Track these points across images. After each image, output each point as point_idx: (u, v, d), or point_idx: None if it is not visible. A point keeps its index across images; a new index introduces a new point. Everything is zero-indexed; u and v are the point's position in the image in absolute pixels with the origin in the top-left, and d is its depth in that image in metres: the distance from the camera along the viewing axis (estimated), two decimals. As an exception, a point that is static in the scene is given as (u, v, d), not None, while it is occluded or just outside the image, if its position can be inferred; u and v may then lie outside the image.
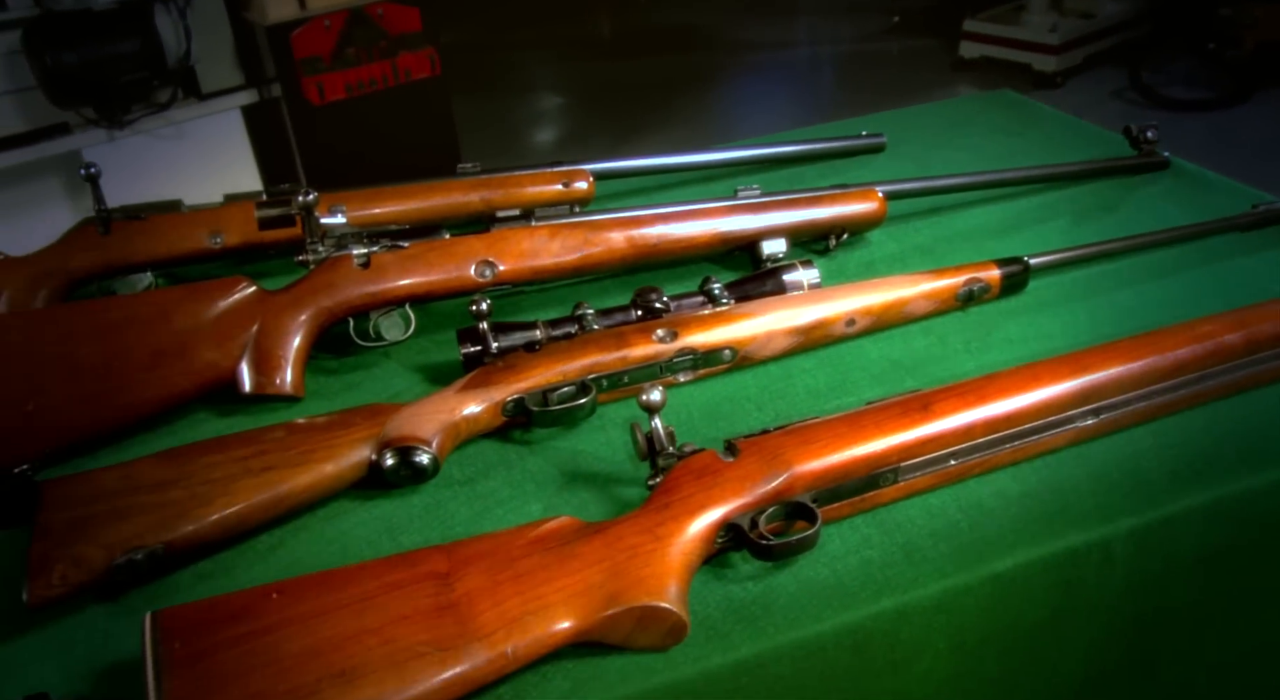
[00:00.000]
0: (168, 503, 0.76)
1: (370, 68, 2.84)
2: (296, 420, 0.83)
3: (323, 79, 2.79)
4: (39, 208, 2.99)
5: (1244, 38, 3.65)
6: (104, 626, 0.74)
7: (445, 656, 0.62)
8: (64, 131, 2.84)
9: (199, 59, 2.80)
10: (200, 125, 2.95)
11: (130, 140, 2.86)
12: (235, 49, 2.93)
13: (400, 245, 0.96)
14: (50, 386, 0.88)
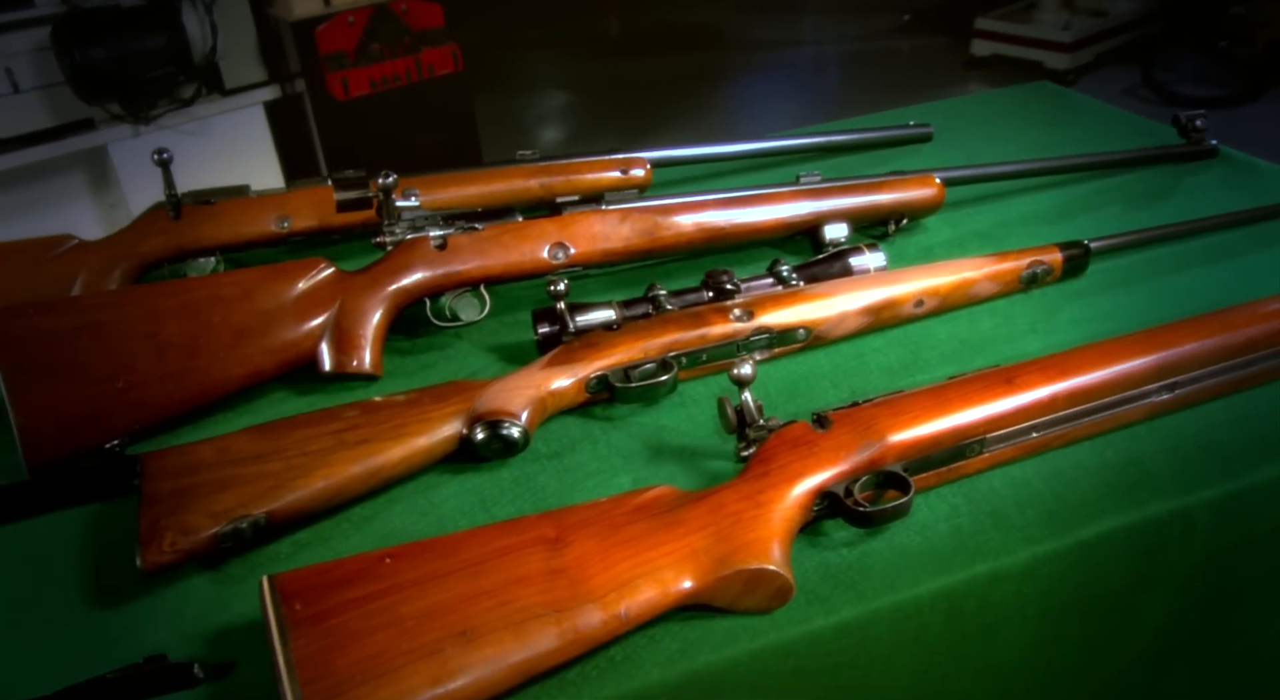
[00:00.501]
0: (267, 474, 0.77)
1: (394, 63, 2.85)
2: (394, 395, 0.85)
3: (348, 74, 2.80)
4: (63, 203, 3.00)
5: (1256, 35, 3.68)
6: (208, 594, 0.75)
7: (561, 617, 0.64)
8: (89, 127, 2.85)
9: (223, 55, 2.81)
10: (223, 121, 2.97)
11: (155, 135, 2.87)
12: (259, 45, 2.95)
13: (475, 227, 0.98)
14: (138, 364, 0.89)
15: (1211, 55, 3.83)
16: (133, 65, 2.66)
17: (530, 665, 0.63)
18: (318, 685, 0.60)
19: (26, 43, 2.65)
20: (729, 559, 0.67)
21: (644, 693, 0.65)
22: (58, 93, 2.75)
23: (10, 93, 2.70)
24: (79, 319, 0.89)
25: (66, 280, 1.07)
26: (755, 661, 0.67)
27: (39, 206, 2.94)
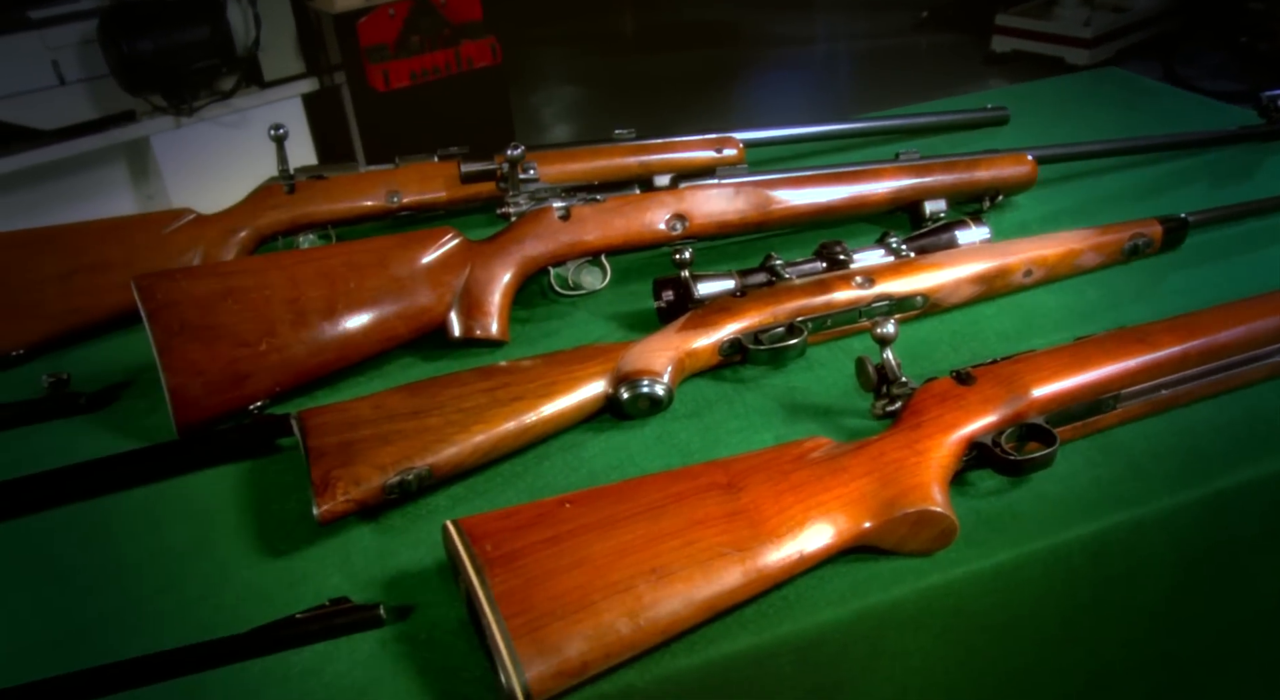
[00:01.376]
0: (428, 428, 0.80)
1: (434, 56, 2.88)
2: (537, 356, 0.88)
3: (389, 66, 2.83)
4: (102, 195, 3.02)
5: (1276, 31, 3.72)
6: (373, 543, 0.78)
7: (743, 557, 0.67)
8: (129, 119, 2.88)
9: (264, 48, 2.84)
10: (262, 113, 2.99)
11: (195, 127, 2.90)
12: (297, 38, 2.97)
13: (597, 199, 1.01)
14: (280, 328, 0.92)
15: (1232, 51, 3.87)
16: (178, 57, 2.69)
17: (716, 602, 0.66)
18: (520, 618, 0.62)
19: (72, 36, 2.68)
20: (896, 502, 0.70)
21: (817, 630, 0.68)
22: (101, 85, 2.77)
23: (56, 85, 2.73)
24: (223, 284, 0.92)
25: (185, 252, 1.10)
26: (920, 600, 0.70)
27: (79, 198, 2.97)
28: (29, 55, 2.67)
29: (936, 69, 4.48)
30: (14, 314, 1.05)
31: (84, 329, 1.08)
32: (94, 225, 1.10)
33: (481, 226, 1.15)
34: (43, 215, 2.92)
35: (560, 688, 0.62)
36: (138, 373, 1.04)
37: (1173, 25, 4.07)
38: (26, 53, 2.66)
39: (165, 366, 0.88)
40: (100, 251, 1.08)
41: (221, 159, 2.99)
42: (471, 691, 0.65)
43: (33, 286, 1.06)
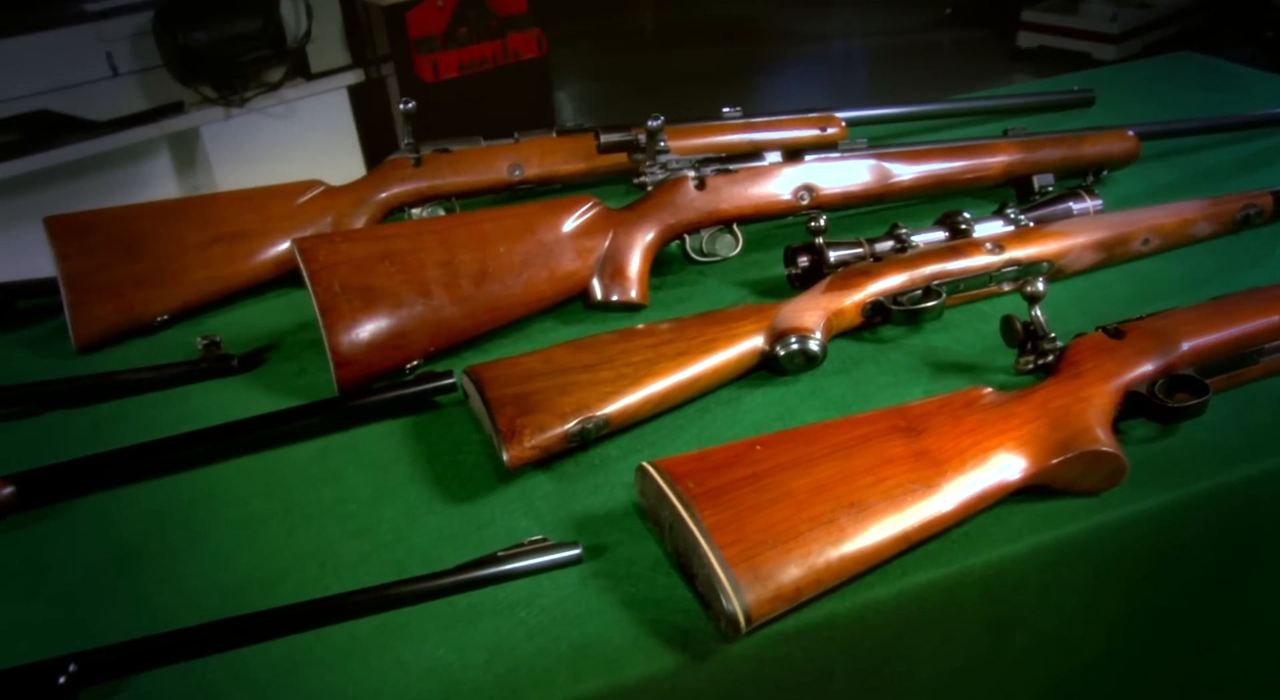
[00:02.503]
0: (600, 381, 0.84)
1: (482, 47, 2.92)
2: (691, 316, 0.91)
3: (438, 57, 2.87)
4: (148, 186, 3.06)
5: (1303, 27, 3.77)
6: (552, 489, 0.82)
7: (931, 493, 0.71)
8: (178, 110, 2.91)
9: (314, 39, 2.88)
10: (309, 104, 3.03)
11: (245, 117, 2.93)
12: (344, 30, 3.01)
13: (730, 169, 1.05)
14: (434, 289, 0.96)
15: (1258, 46, 3.92)
16: (231, 48, 2.72)
17: (910, 535, 0.70)
18: (735, 548, 0.66)
19: (127, 28, 2.71)
20: (1070, 443, 0.74)
21: (995, 564, 0.72)
22: (151, 77, 2.81)
23: (109, 76, 2.76)
24: (380, 247, 0.95)
25: (317, 222, 1.14)
26: (1090, 537, 0.74)
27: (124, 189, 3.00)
28: (84, 47, 2.70)
29: (961, 65, 4.52)
30: (159, 281, 1.08)
31: (222, 296, 1.12)
32: (231, 196, 1.13)
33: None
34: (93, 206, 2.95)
35: (775, 611, 0.65)
36: (280, 337, 1.07)
37: (1198, 20, 4.12)
38: (82, 45, 2.70)
39: (327, 325, 0.92)
40: (238, 221, 1.11)
41: (270, 149, 3.03)
42: (680, 620, 0.69)
43: (175, 255, 1.09)
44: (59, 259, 1.06)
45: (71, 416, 0.98)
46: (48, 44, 2.66)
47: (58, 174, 2.83)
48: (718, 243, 1.05)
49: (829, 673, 0.71)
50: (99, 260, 1.07)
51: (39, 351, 1.10)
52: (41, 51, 2.66)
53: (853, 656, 0.71)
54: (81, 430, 0.96)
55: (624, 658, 0.66)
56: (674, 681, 0.66)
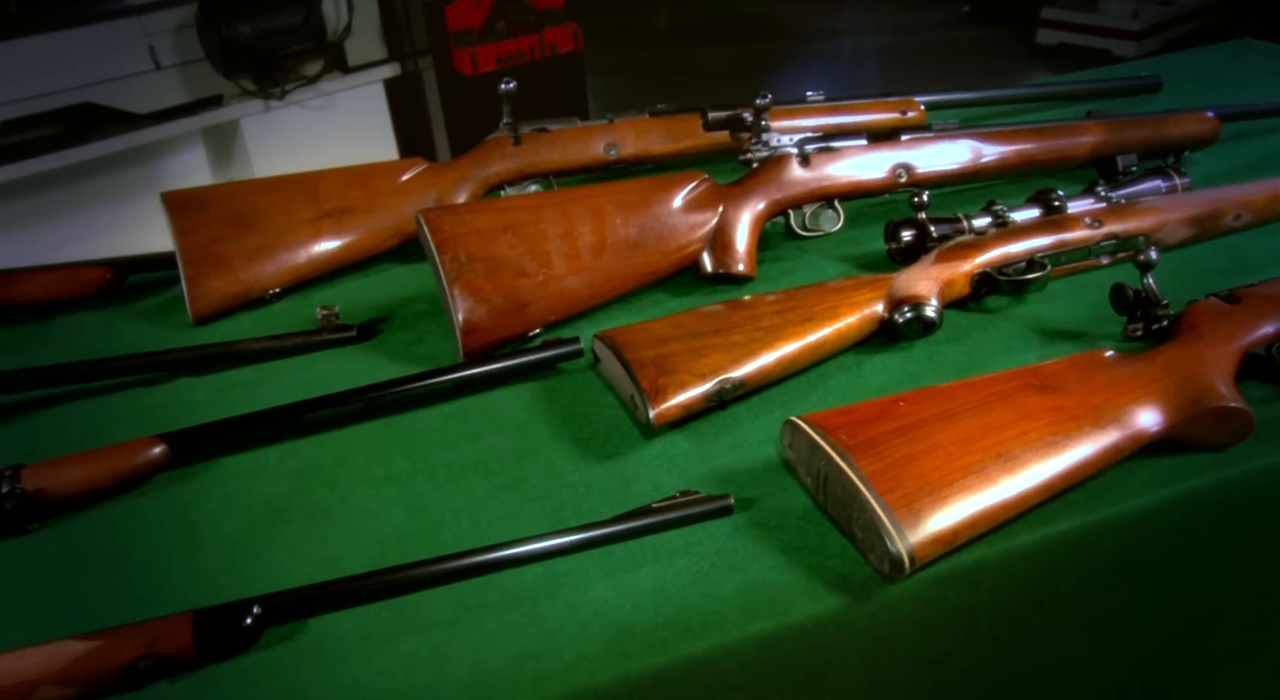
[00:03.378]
0: (734, 344, 0.87)
1: (519, 41, 2.95)
2: (808, 286, 0.95)
3: (476, 51, 2.90)
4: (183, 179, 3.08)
5: (1322, 25, 3.80)
6: (689, 448, 0.85)
7: (1070, 445, 0.74)
8: (216, 103, 2.94)
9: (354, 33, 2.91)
10: (346, 97, 3.06)
11: (283, 110, 2.96)
12: (381, 24, 3.04)
13: (832, 147, 1.08)
14: (554, 260, 0.99)
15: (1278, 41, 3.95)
16: (274, 41, 2.75)
17: (1051, 485, 0.73)
18: (895, 494, 0.69)
19: (169, 21, 2.74)
20: (1200, 400, 0.77)
21: (1128, 515, 0.75)
22: (191, 69, 2.84)
23: (152, 69, 2.79)
24: (502, 219, 0.98)
25: (421, 198, 1.16)
26: (1219, 490, 0.77)
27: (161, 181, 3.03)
28: (127, 40, 2.73)
29: (979, 63, 4.56)
30: (271, 255, 1.11)
31: (330, 270, 1.15)
32: (338, 172, 1.16)
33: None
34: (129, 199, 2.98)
35: (936, 554, 0.69)
36: (391, 309, 1.10)
37: (1219, 17, 4.16)
38: (125, 38, 2.72)
39: (454, 294, 0.95)
40: (345, 196, 1.14)
41: (307, 142, 3.05)
42: (837, 565, 0.72)
43: (286, 229, 1.12)
44: (177, 233, 1.09)
45: (199, 383, 1.01)
46: (93, 37, 2.69)
47: (99, 166, 2.85)
48: (821, 218, 1.08)
49: (975, 615, 0.74)
50: (214, 234, 1.10)
51: (152, 323, 1.13)
52: (87, 45, 2.68)
53: (998, 599, 0.74)
54: (210, 394, 0.99)
55: (788, 599, 0.69)
56: (837, 622, 0.69)
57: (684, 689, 0.68)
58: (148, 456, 0.85)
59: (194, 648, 0.68)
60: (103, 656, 0.67)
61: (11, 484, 0.81)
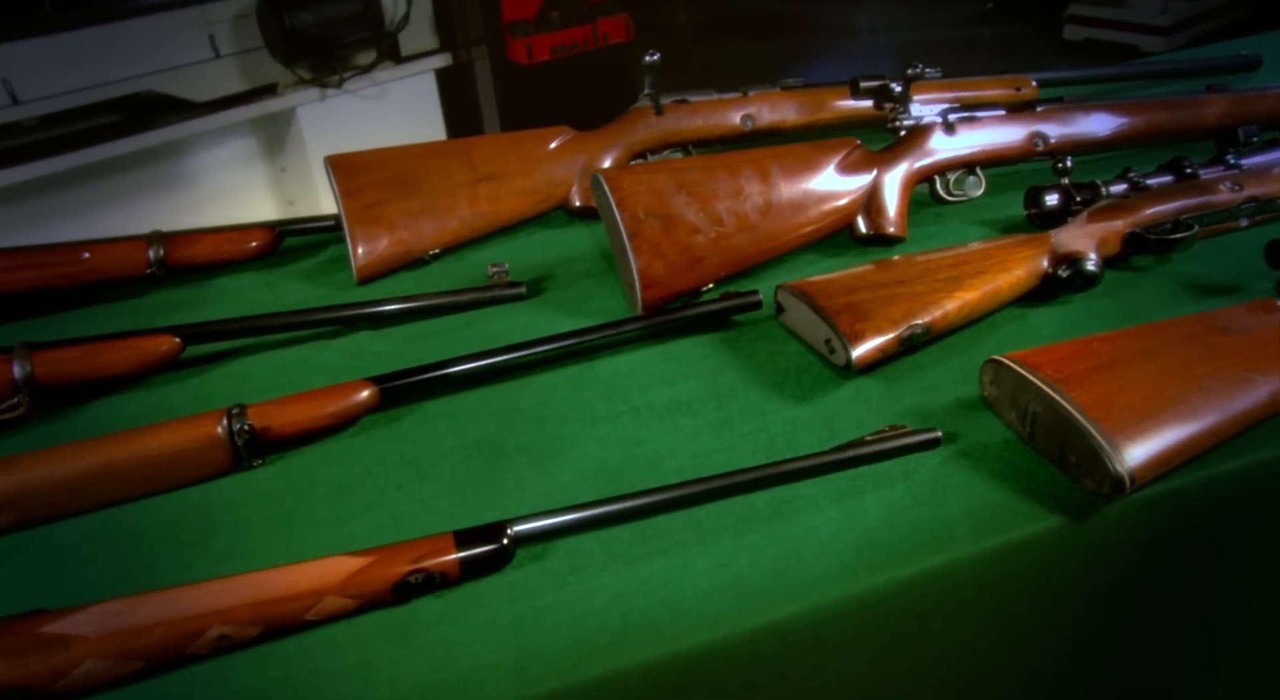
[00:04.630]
0: (917, 294, 0.92)
1: (573, 31, 3.00)
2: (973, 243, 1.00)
3: (532, 41, 2.94)
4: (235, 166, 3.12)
5: (1348, 22, 3.87)
6: (882, 390, 0.90)
7: (1262, 381, 0.79)
8: (271, 92, 2.97)
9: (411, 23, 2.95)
10: (399, 87, 3.10)
11: (338, 99, 3.00)
12: (433, 14, 3.08)
13: (976, 116, 1.13)
14: (725, 218, 1.03)
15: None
16: (334, 30, 2.79)
17: (1249, 415, 0.78)
18: (1109, 422, 0.74)
19: (229, 10, 2.78)
20: (1375, 341, 0.82)
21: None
22: (249, 58, 2.87)
23: (212, 58, 2.83)
24: (676, 178, 1.03)
25: (570, 164, 1.21)
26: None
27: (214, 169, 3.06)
28: (189, 29, 2.77)
29: (1005, 59, 4.62)
30: (431, 217, 1.15)
31: (486, 233, 1.19)
32: (492, 139, 1.20)
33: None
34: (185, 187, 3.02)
35: (1152, 476, 0.74)
36: (549, 270, 1.14)
37: (1244, 12, 4.22)
38: (187, 27, 2.76)
39: (634, 248, 0.99)
40: (500, 162, 1.19)
41: (361, 131, 3.09)
42: (1051, 489, 0.77)
43: (445, 192, 1.16)
44: (342, 195, 1.13)
45: (378, 335, 1.05)
46: (156, 26, 2.73)
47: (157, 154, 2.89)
48: (965, 184, 1.13)
49: (1176, 538, 0.79)
50: (377, 196, 1.14)
51: (312, 282, 1.17)
52: (150, 34, 2.72)
53: (1198, 524, 0.79)
54: (392, 346, 1.03)
55: (1012, 519, 0.74)
56: (1057, 539, 0.74)
57: (922, 600, 0.72)
58: (360, 398, 0.90)
59: (459, 565, 0.72)
60: (377, 571, 0.71)
61: (242, 421, 0.86)
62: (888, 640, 0.73)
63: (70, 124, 2.69)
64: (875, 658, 0.74)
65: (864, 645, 0.73)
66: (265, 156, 3.19)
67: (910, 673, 0.76)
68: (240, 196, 3.23)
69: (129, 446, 0.84)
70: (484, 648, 0.68)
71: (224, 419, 0.85)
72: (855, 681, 0.74)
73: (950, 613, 0.73)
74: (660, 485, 0.78)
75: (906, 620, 0.73)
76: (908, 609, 0.72)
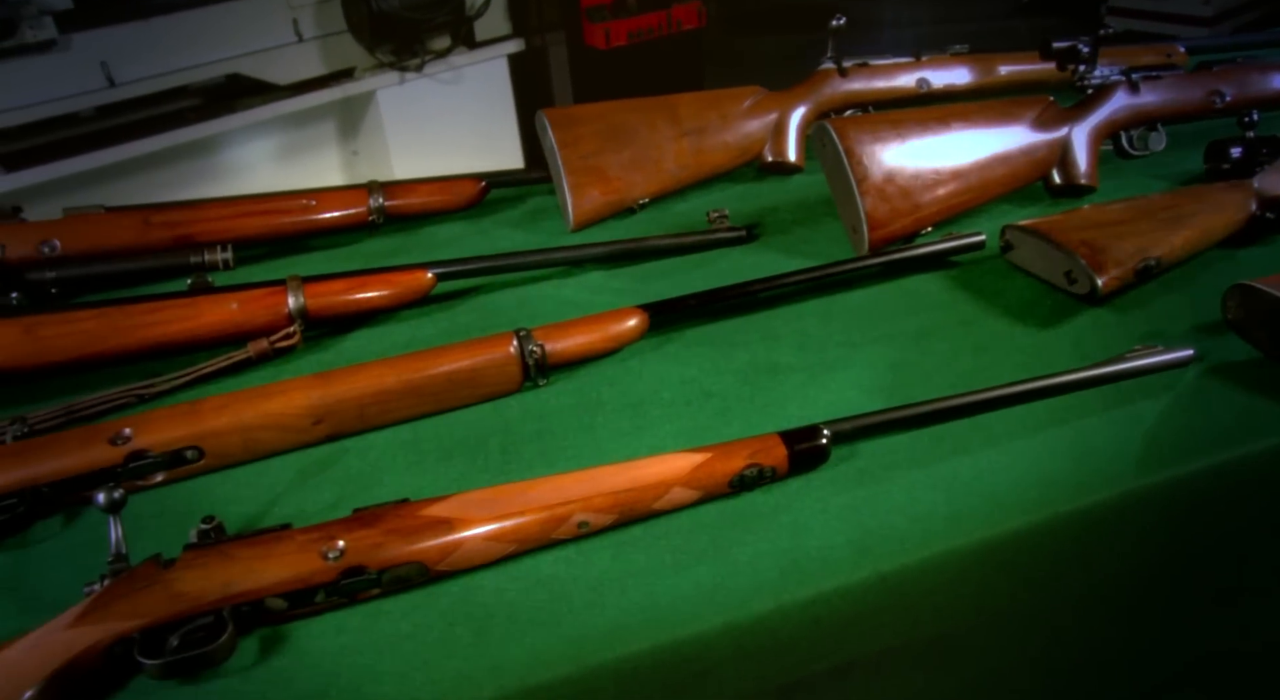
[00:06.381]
0: (1142, 231, 0.99)
1: (649, 17, 3.06)
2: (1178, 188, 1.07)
3: (610, 26, 3.01)
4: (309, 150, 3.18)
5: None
6: (1110, 319, 0.97)
7: None
8: (348, 76, 3.03)
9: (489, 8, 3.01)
10: (473, 71, 3.16)
11: (416, 83, 3.06)
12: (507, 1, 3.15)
13: (1158, 75, 1.20)
14: (941, 167, 1.10)
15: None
16: (420, 13, 2.86)
17: None
18: None
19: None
20: None
21: None
22: (329, 42, 2.93)
23: (294, 42, 2.88)
24: (897, 130, 1.10)
25: (765, 120, 1.28)
26: None
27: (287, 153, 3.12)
28: (274, 13, 2.83)
29: (1042, 52, 4.68)
30: (643, 167, 1.22)
31: (689, 183, 1.26)
32: (692, 97, 1.27)
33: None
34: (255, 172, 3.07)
35: None
36: (757, 217, 1.21)
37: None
38: (272, 11, 2.82)
39: (861, 192, 1.06)
40: (701, 118, 1.25)
41: (438, 115, 3.16)
42: None
43: (653, 145, 1.23)
44: (560, 146, 1.20)
45: (611, 275, 1.12)
46: (243, 11, 2.79)
47: (241, 136, 2.95)
48: (1149, 139, 1.21)
49: None
50: (592, 147, 1.21)
51: (520, 229, 1.24)
52: (237, 18, 2.78)
53: None
54: (627, 283, 1.10)
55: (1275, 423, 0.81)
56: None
57: (1205, 503, 0.79)
58: (632, 324, 0.96)
59: (788, 459, 0.79)
60: (717, 465, 0.78)
61: (531, 342, 0.92)
62: (1176, 529, 0.80)
63: (156, 107, 2.75)
64: (1161, 546, 0.81)
65: (1154, 535, 0.80)
66: (339, 140, 3.25)
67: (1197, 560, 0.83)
68: (311, 181, 3.29)
69: (434, 363, 0.90)
70: (826, 531, 0.75)
71: (514, 340, 0.92)
72: (1147, 564, 0.81)
73: (1232, 504, 0.80)
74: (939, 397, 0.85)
75: (1192, 511, 0.80)
76: (1185, 502, 0.79)
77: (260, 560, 0.71)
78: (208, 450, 0.85)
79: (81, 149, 2.53)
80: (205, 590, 0.69)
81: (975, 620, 0.78)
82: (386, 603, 0.72)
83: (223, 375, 0.99)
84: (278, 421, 0.87)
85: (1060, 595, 0.80)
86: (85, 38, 2.52)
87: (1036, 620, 0.81)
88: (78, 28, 2.49)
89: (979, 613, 0.77)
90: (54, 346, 0.97)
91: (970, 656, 0.81)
